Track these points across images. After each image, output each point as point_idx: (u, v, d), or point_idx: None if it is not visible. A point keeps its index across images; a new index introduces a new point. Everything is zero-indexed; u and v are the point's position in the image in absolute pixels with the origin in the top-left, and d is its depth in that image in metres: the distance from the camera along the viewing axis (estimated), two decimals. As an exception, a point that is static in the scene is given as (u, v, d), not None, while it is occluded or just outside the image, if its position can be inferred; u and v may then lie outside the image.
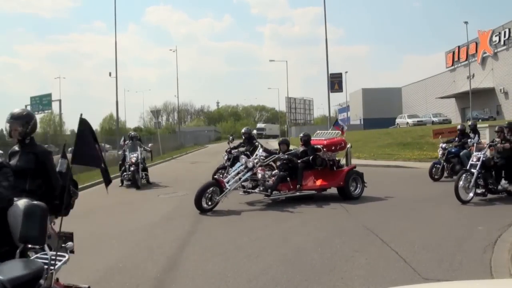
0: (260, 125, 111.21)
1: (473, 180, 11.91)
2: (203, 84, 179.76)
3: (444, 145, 17.81)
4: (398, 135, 36.41)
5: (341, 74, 50.61)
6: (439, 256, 7.19)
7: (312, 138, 14.58)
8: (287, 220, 10.56)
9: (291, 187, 12.99)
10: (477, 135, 17.27)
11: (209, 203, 11.75)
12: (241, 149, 17.68)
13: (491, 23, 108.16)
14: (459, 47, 58.98)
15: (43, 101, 47.01)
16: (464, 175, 11.97)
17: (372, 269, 6.69)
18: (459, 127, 18.67)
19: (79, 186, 18.34)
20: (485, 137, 19.99)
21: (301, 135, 14.56)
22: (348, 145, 14.56)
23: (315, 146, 13.94)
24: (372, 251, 7.64)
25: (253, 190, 12.92)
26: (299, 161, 13.44)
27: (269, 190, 12.63)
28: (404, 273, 6.42)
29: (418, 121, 52.99)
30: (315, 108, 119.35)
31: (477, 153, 12.49)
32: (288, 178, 12.99)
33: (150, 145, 20.90)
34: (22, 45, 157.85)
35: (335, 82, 45.45)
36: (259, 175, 12.92)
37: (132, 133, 19.31)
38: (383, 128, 51.29)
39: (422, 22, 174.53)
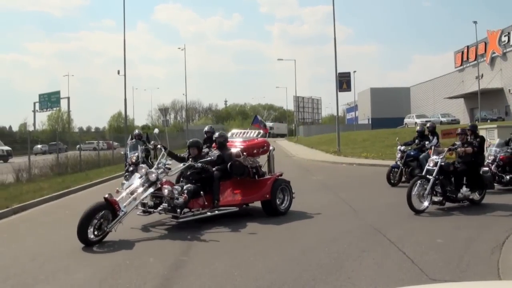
0: (268, 124, 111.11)
1: (428, 187, 10.87)
2: (211, 82, 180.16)
3: (402, 148, 16.78)
4: (406, 135, 36.17)
5: (349, 73, 50.50)
6: (446, 256, 7.17)
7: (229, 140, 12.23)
8: (294, 219, 10.56)
9: (206, 203, 10.27)
10: (435, 138, 16.72)
11: (97, 232, 8.60)
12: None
13: (500, 23, 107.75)
14: (468, 47, 58.76)
15: (51, 99, 47.16)
16: (418, 181, 10.96)
17: (379, 269, 6.68)
18: (418, 128, 17.80)
19: (89, 183, 18.42)
20: (494, 138, 19.85)
21: (216, 135, 12.11)
22: (271, 148, 12.46)
23: (234, 150, 11.52)
24: (379, 251, 7.63)
25: (155, 210, 9.94)
26: (214, 169, 10.93)
27: (178, 210, 9.72)
28: (411, 274, 6.40)
29: (426, 121, 52.76)
30: (323, 108, 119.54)
31: (434, 157, 11.47)
32: (202, 192, 10.20)
33: (152, 142, 19.78)
34: (31, 42, 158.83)
35: (344, 82, 45.39)
36: (165, 191, 9.67)
37: (136, 132, 18.57)
38: (391, 128, 51.19)
39: (431, 22, 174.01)
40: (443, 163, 11.20)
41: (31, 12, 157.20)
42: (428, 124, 18.75)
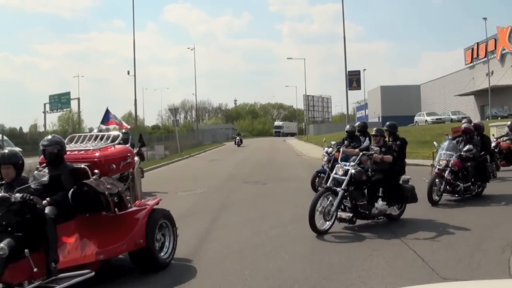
0: (277, 123, 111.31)
1: (336, 202, 8.87)
2: (221, 82, 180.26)
3: (329, 150, 14.62)
4: (417, 133, 36.20)
5: (359, 71, 50.31)
6: (457, 255, 7.17)
7: (70, 150, 7.39)
8: (303, 218, 10.56)
9: (35, 269, 5.52)
10: (367, 138, 14.26)
11: None
12: None
13: (510, 19, 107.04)
14: (478, 43, 58.35)
15: (61, 100, 47.24)
16: (324, 195, 8.98)
17: (390, 268, 6.69)
18: (347, 127, 15.22)
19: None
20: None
21: (45, 142, 7.19)
22: (136, 159, 7.95)
23: (77, 166, 6.99)
24: (390, 250, 7.63)
25: None
26: (44, 202, 6.22)
27: None
28: (422, 272, 6.41)
29: (437, 118, 52.46)
30: (333, 106, 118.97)
31: (343, 163, 9.57)
32: (26, 250, 5.48)
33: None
34: (41, 44, 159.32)
35: (353, 80, 45.20)
36: None
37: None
38: (402, 126, 50.75)
39: (441, 18, 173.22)
40: (354, 171, 9.21)
41: (41, 14, 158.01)
42: (357, 123, 16.75)
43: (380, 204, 9.45)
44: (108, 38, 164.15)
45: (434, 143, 13.90)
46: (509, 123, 18.69)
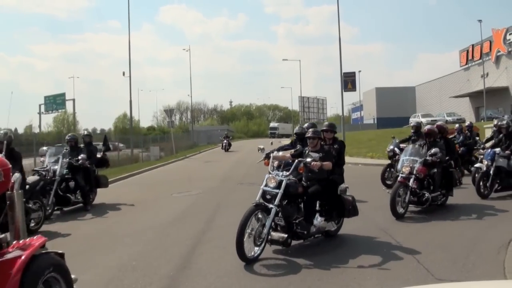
0: (273, 124, 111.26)
1: (268, 222, 7.34)
2: (216, 83, 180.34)
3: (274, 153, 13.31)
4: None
5: (354, 73, 50.25)
6: (452, 256, 7.17)
7: None
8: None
9: None
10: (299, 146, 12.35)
11: None
12: None
13: (505, 22, 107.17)
14: (473, 45, 58.54)
15: (57, 101, 47.23)
16: (253, 214, 7.33)
17: (385, 269, 6.69)
18: (296, 129, 13.47)
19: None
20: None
21: None
22: (16, 176, 4.89)
23: None
24: (385, 251, 7.63)
25: None
26: None
27: None
28: (417, 274, 6.41)
29: (432, 120, 52.51)
30: (329, 107, 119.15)
31: (275, 173, 7.86)
32: None
33: (99, 147, 15.78)
34: (36, 44, 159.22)
35: (349, 81, 45.19)
36: None
37: (69, 136, 14.52)
38: (397, 127, 51.03)
39: (437, 20, 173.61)
40: (289, 182, 7.70)
41: (36, 14, 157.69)
42: (305, 124, 13.62)
43: (318, 220, 8.14)
44: (104, 39, 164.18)
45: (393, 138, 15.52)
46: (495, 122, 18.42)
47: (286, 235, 7.49)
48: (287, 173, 7.84)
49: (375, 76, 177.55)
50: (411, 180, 10.63)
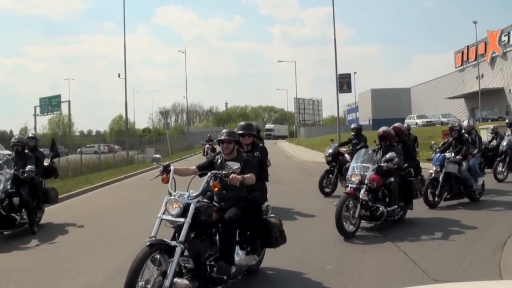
0: (269, 125, 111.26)
1: (171, 268, 5.18)
2: (212, 84, 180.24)
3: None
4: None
5: (349, 74, 50.41)
6: (448, 257, 7.18)
7: None
8: (296, 221, 10.57)
9: None
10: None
11: None
12: None
13: (500, 23, 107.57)
14: (468, 47, 58.71)
15: (52, 102, 47.03)
16: (149, 258, 5.22)
17: (381, 270, 6.70)
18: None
19: (90, 187, 18.40)
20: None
21: None
22: None
23: None
24: (381, 252, 7.64)
25: None
26: None
27: None
28: (414, 274, 6.42)
29: (427, 121, 52.69)
30: (324, 109, 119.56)
31: (178, 193, 5.76)
32: None
33: (46, 152, 13.25)
34: (32, 46, 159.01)
35: (344, 83, 45.32)
36: None
37: (15, 139, 11.42)
38: (392, 128, 51.09)
39: (432, 22, 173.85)
40: (200, 206, 5.70)
41: (32, 16, 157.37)
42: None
43: (240, 255, 6.27)
44: (99, 40, 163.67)
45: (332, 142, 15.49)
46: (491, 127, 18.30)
47: (197, 283, 5.49)
48: (196, 192, 5.75)
49: (370, 77, 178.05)
50: (362, 191, 8.97)
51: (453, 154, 11.89)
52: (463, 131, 12.54)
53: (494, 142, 17.36)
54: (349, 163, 11.53)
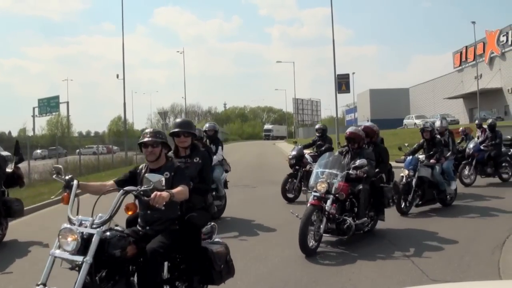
0: (267, 126, 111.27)
1: None
2: (210, 85, 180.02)
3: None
4: (406, 135, 36.28)
5: (348, 75, 50.35)
6: (447, 257, 7.18)
7: None
8: (294, 222, 10.55)
9: None
10: (220, 147, 11.38)
11: None
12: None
13: (498, 23, 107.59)
14: (466, 47, 58.76)
15: (50, 103, 46.96)
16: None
17: (380, 271, 6.69)
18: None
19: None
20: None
21: None
22: None
23: None
24: (380, 253, 7.62)
25: None
26: None
27: None
28: (412, 275, 6.42)
29: (425, 121, 52.65)
30: (323, 109, 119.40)
31: (78, 219, 4.37)
32: None
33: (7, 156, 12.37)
34: (30, 47, 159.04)
35: (343, 83, 45.28)
36: None
37: None
38: (391, 129, 51.11)
39: (430, 22, 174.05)
40: (110, 236, 4.33)
41: (30, 17, 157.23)
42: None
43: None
44: (98, 41, 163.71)
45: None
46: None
47: None
48: (103, 217, 4.34)
49: (369, 77, 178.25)
50: (329, 203, 7.72)
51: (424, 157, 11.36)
52: (435, 132, 11.91)
53: (464, 144, 16.77)
54: (310, 166, 11.30)
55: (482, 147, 15.40)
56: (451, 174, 11.78)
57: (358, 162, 8.37)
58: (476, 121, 18.38)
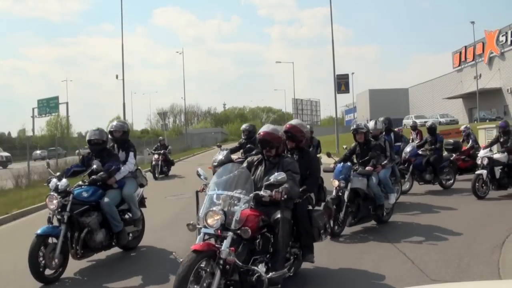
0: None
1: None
2: (210, 85, 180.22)
3: None
4: (405, 135, 36.30)
5: (347, 75, 50.32)
6: (446, 257, 7.17)
7: None
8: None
9: None
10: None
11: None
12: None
13: (498, 23, 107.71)
14: (466, 47, 58.86)
15: (50, 104, 46.99)
16: None
17: (380, 271, 6.68)
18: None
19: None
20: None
21: None
22: None
23: None
24: (379, 253, 7.63)
25: None
26: None
27: None
28: (412, 274, 6.41)
29: (425, 121, 52.65)
30: (322, 109, 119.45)
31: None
32: None
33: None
34: (30, 48, 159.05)
35: (342, 83, 45.24)
36: None
37: None
38: (390, 128, 51.08)
39: (430, 22, 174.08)
40: None
41: (30, 18, 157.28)
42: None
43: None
44: (97, 42, 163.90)
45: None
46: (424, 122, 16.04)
47: None
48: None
49: (368, 77, 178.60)
50: (226, 244, 4.99)
51: (357, 165, 9.41)
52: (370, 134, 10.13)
53: (466, 145, 16.35)
54: None
55: (420, 152, 14.35)
56: (390, 185, 9.93)
57: (273, 177, 5.44)
58: (411, 122, 17.61)
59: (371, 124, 10.78)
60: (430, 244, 8.03)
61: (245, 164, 6.30)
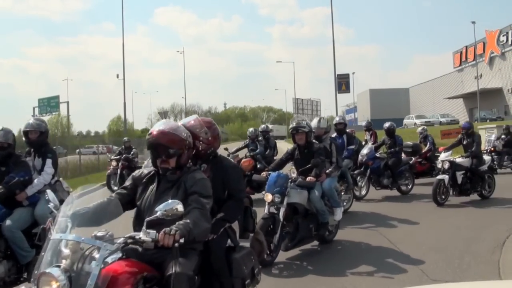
0: (268, 126, 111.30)
1: None
2: (210, 85, 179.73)
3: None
4: (406, 135, 36.19)
5: (348, 74, 50.59)
6: (447, 257, 7.17)
7: None
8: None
9: None
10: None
11: None
12: None
13: (498, 23, 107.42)
14: (466, 47, 58.79)
15: (51, 103, 46.93)
16: None
17: (380, 271, 6.68)
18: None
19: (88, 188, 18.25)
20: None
21: None
22: None
23: None
24: (380, 253, 7.63)
25: None
26: None
27: None
28: (412, 275, 6.41)
29: (425, 121, 52.67)
30: (323, 109, 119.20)
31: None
32: None
33: None
34: (30, 47, 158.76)
35: (343, 83, 45.43)
36: None
37: None
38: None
39: (431, 22, 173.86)
40: None
41: (30, 17, 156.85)
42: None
43: None
44: (98, 41, 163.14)
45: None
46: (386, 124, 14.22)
47: None
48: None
49: (369, 77, 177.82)
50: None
51: (294, 173, 7.62)
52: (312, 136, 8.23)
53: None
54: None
55: (377, 155, 13.38)
56: (335, 198, 8.12)
57: (160, 209, 3.40)
58: (364, 123, 16.23)
59: (314, 122, 8.97)
60: (430, 244, 8.02)
61: (128, 182, 4.17)
